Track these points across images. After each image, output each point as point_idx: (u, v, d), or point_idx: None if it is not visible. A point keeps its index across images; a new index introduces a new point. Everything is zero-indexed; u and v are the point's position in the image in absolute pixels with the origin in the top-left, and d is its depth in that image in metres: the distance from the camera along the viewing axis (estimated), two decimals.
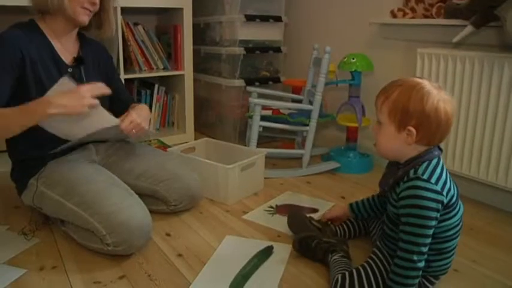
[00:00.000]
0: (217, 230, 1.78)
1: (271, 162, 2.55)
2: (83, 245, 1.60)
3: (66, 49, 1.74)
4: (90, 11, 1.68)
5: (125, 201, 1.55)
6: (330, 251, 1.50)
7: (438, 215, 1.24)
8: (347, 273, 1.35)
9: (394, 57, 2.45)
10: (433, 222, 1.24)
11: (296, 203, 2.06)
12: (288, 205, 2.04)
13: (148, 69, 2.90)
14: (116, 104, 1.87)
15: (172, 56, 3.01)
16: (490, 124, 1.91)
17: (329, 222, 1.72)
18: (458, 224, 1.33)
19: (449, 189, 1.27)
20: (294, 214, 1.75)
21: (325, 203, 2.06)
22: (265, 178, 2.27)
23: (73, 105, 1.46)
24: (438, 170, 1.28)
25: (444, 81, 2.03)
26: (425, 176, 1.25)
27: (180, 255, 1.59)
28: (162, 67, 2.96)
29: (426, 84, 1.27)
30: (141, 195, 1.71)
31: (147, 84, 3.11)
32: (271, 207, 2.01)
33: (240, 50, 2.82)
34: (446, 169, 1.32)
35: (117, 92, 1.87)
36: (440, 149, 1.34)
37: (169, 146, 2.42)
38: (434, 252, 1.32)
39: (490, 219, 1.92)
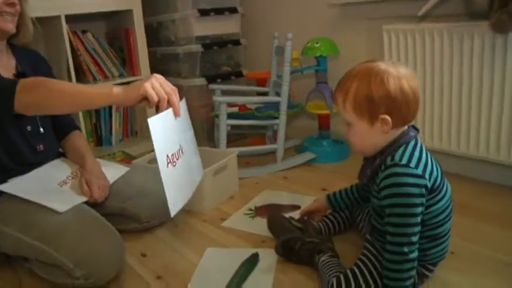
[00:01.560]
0: (197, 243, 1.66)
1: (243, 160, 2.44)
2: (51, 282, 1.44)
3: (2, 66, 1.55)
4: (13, 15, 1.50)
5: (91, 228, 1.41)
6: (315, 251, 1.41)
7: (423, 200, 1.16)
8: (342, 276, 1.25)
9: (359, 37, 2.36)
10: (420, 209, 1.15)
11: (276, 202, 1.96)
12: (268, 205, 1.93)
13: (103, 78, 2.73)
14: (55, 125, 1.75)
15: (126, 61, 2.85)
16: (465, 96, 1.84)
17: (311, 219, 1.62)
18: (448, 207, 1.25)
19: (432, 171, 1.19)
20: (273, 217, 1.65)
21: (306, 198, 1.95)
22: (239, 179, 2.16)
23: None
24: (417, 153, 1.19)
25: (414, 56, 1.96)
26: (403, 161, 1.16)
27: (159, 277, 1.46)
28: (117, 74, 2.80)
29: (381, 65, 1.18)
30: (109, 215, 1.58)
31: None
32: (251, 209, 1.90)
33: (197, 47, 2.70)
34: (427, 149, 1.24)
35: None
36: (417, 129, 1.26)
37: (135, 157, 2.28)
38: (428, 240, 1.24)
39: (477, 193, 1.86)
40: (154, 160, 2.10)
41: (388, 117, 1.17)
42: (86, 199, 1.55)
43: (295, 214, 1.74)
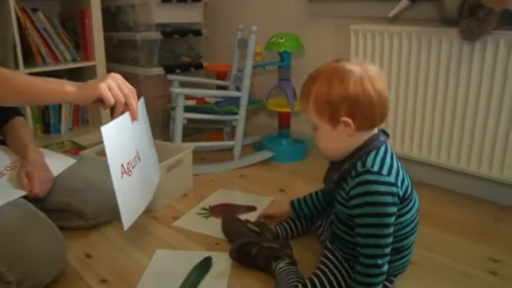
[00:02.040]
0: (146, 244, 1.56)
1: (199, 156, 2.34)
2: None
3: None
4: None
5: (27, 225, 1.29)
6: (273, 258, 1.34)
7: (396, 209, 1.10)
8: (300, 286, 1.19)
9: (326, 35, 2.30)
10: (392, 219, 1.10)
11: (231, 202, 1.87)
12: (222, 205, 1.85)
13: (53, 61, 2.58)
14: None
15: (80, 45, 2.70)
16: (430, 101, 1.82)
17: (267, 223, 1.55)
18: (414, 219, 1.21)
19: (403, 180, 1.14)
20: (228, 219, 1.58)
21: (263, 199, 1.89)
22: (194, 175, 2.06)
23: None
24: (388, 159, 1.13)
25: (381, 58, 1.91)
26: (375, 168, 1.10)
27: (104, 280, 1.35)
28: (70, 58, 2.65)
29: (345, 64, 1.12)
30: (52, 211, 1.46)
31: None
32: (205, 209, 1.81)
33: (156, 35, 2.58)
34: (396, 156, 1.18)
35: None
36: (387, 134, 1.20)
37: (84, 148, 2.15)
38: (393, 252, 1.18)
39: (437, 201, 1.84)
40: (104, 152, 1.99)
41: (349, 120, 1.10)
42: (25, 193, 1.42)
43: (251, 216, 1.66)
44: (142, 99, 1.36)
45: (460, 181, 1.89)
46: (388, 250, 1.11)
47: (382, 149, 1.15)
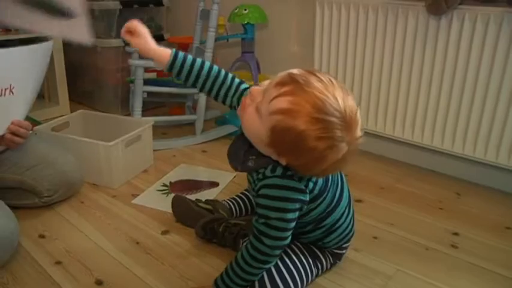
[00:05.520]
0: (104, 222, 1.50)
1: (160, 131, 2.28)
2: None
3: None
4: None
5: None
6: (240, 235, 1.30)
7: (299, 214, 1.06)
8: None
9: (290, 6, 2.24)
10: (293, 223, 1.06)
11: (193, 178, 1.83)
12: (184, 181, 1.81)
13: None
14: None
15: None
16: (395, 76, 1.81)
17: (222, 200, 1.51)
18: (330, 203, 1.14)
19: (316, 182, 1.07)
20: (177, 201, 1.52)
21: (225, 174, 1.85)
22: (154, 151, 2.00)
23: None
24: None
25: (346, 31, 1.88)
26: (288, 172, 1.02)
27: (58, 262, 1.29)
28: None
29: (329, 106, 0.90)
30: (4, 189, 1.42)
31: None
32: (165, 185, 1.77)
33: (115, 4, 2.47)
34: None
35: None
36: None
37: (39, 123, 2.05)
38: (320, 231, 1.17)
39: (401, 176, 1.85)
40: (59, 127, 1.92)
41: (286, 163, 1.00)
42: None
43: (213, 192, 1.63)
44: (49, 43, 1.44)
45: (423, 156, 1.90)
46: (285, 242, 1.07)
47: None
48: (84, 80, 2.78)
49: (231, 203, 1.49)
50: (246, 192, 1.53)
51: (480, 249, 1.38)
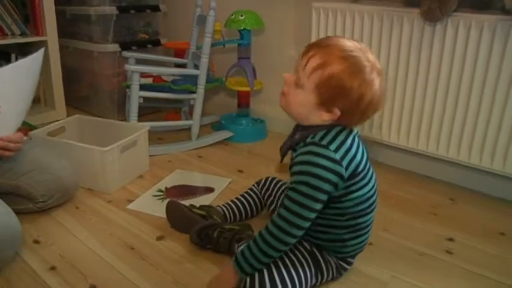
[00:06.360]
0: (99, 228, 1.50)
1: (156, 136, 2.28)
2: None
3: None
4: None
5: None
6: (235, 240, 1.30)
7: (332, 189, 1.07)
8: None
9: (287, 12, 2.25)
10: (325, 197, 1.07)
11: (189, 183, 1.83)
12: (179, 186, 1.81)
13: (0, 35, 2.44)
14: None
15: (30, 18, 2.56)
16: (390, 83, 1.81)
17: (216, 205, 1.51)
18: (372, 196, 1.18)
19: (355, 157, 1.10)
20: (171, 207, 1.52)
21: (221, 180, 1.85)
22: (150, 156, 2.00)
23: None
24: (341, 136, 1.10)
25: None
26: (324, 142, 1.08)
27: (53, 268, 1.29)
28: (18, 33, 2.50)
29: (368, 64, 1.06)
30: (0, 194, 1.39)
31: (1, 54, 2.63)
32: (161, 190, 1.76)
33: (112, 10, 2.48)
34: (356, 135, 1.16)
35: None
36: None
37: (35, 127, 2.05)
38: (349, 230, 1.17)
39: (395, 182, 1.85)
40: (55, 132, 1.91)
41: (338, 113, 1.07)
42: None
43: (208, 198, 1.63)
44: (41, 51, 1.42)
45: (418, 162, 1.90)
46: (305, 224, 1.08)
47: (337, 128, 1.11)
48: (81, 85, 2.78)
49: (225, 209, 1.49)
50: (241, 198, 1.53)
51: (475, 255, 1.38)
